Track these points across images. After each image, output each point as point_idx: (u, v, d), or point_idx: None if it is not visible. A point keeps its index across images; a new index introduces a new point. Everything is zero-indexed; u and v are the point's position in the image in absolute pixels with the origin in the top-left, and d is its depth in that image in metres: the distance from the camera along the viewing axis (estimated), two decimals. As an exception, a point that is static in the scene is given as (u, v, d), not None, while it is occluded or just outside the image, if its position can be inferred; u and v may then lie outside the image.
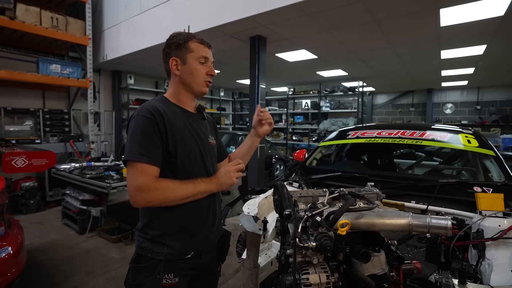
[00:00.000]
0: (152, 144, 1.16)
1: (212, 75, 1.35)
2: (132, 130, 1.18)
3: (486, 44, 5.42)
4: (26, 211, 5.14)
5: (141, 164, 1.13)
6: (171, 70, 1.31)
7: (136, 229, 1.30)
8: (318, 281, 0.99)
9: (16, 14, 5.20)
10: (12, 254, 2.22)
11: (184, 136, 1.25)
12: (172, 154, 1.21)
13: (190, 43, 1.30)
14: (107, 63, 7.12)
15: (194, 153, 1.28)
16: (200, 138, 1.33)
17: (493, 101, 10.06)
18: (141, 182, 1.11)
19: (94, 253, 3.63)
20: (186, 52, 1.29)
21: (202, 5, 4.70)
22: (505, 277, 1.23)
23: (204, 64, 1.32)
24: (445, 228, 1.04)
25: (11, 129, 5.98)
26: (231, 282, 2.92)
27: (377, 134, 2.62)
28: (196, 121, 1.37)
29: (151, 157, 1.14)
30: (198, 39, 1.32)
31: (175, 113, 1.27)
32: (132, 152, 1.14)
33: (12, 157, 2.94)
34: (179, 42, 1.29)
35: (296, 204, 1.17)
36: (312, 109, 11.17)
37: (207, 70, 1.33)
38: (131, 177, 1.14)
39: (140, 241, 1.25)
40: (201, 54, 1.30)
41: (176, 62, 1.29)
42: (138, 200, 1.12)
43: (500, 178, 2.02)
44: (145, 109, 1.20)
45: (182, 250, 1.24)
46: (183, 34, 1.33)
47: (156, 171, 1.16)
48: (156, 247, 1.21)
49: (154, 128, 1.16)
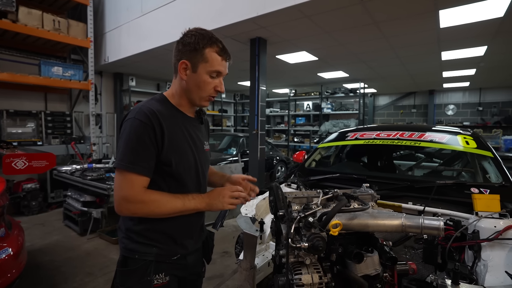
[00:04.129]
0: (146, 152, 1.10)
1: (219, 92, 1.24)
2: (126, 134, 1.10)
3: (486, 45, 5.42)
4: (28, 213, 5.17)
5: (131, 174, 1.07)
6: (178, 71, 1.20)
7: (119, 230, 1.24)
8: (310, 281, 1.00)
9: (19, 17, 5.26)
10: (12, 255, 2.24)
11: (180, 144, 1.19)
12: (166, 163, 1.14)
13: (207, 51, 1.16)
14: (108, 66, 7.17)
15: (189, 163, 1.22)
16: (196, 147, 1.27)
17: (495, 102, 10.02)
18: (128, 193, 1.07)
19: (95, 255, 3.65)
20: (200, 60, 1.16)
21: (203, 7, 4.73)
22: (500, 277, 1.23)
23: (214, 78, 1.21)
24: (438, 228, 1.05)
25: (14, 131, 6.03)
26: (230, 283, 2.92)
27: (376, 135, 2.62)
28: (194, 127, 1.30)
29: (143, 166, 1.09)
30: (219, 48, 1.18)
31: (174, 117, 1.20)
32: (123, 159, 1.08)
33: (12, 159, 2.97)
34: (196, 46, 1.15)
35: (290, 205, 1.17)
36: (313, 110, 11.18)
37: (215, 85, 1.22)
38: (119, 185, 1.08)
39: (125, 243, 1.19)
40: (216, 68, 1.18)
41: (186, 66, 1.17)
42: (122, 210, 1.09)
43: (498, 179, 2.02)
44: (142, 112, 1.11)
45: (168, 252, 1.21)
46: (205, 36, 1.17)
47: (145, 181, 1.11)
48: (145, 248, 1.17)
49: (150, 134, 1.10)
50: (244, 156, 6.51)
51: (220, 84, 1.23)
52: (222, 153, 7.04)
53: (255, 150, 5.49)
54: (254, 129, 5.41)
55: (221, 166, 5.44)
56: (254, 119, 5.41)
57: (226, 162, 6.24)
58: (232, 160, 6.38)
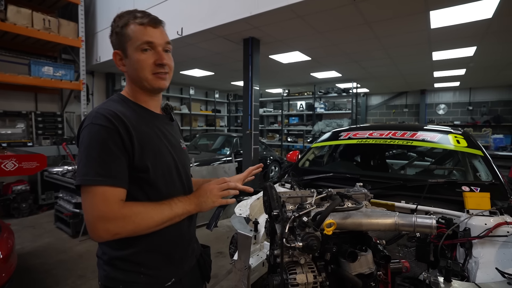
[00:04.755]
0: (114, 160, 0.91)
1: (162, 64, 1.04)
2: (86, 144, 0.91)
3: (476, 46, 5.51)
4: (18, 215, 5.09)
5: (101, 187, 0.88)
6: (117, 65, 1.07)
7: (98, 257, 1.04)
8: (305, 280, 1.00)
9: (7, 16, 5.15)
10: (1, 258, 2.21)
11: (154, 146, 1.02)
12: (141, 169, 0.97)
13: (127, 28, 1.01)
14: (100, 65, 7.10)
15: (168, 164, 1.06)
16: (172, 145, 1.11)
17: (484, 101, 10.20)
18: (103, 211, 0.87)
19: (87, 257, 3.60)
20: (125, 41, 1.02)
21: (195, 7, 4.72)
22: (490, 274, 1.25)
23: (149, 51, 1.02)
24: (430, 226, 1.06)
25: (3, 132, 5.91)
26: (224, 283, 2.92)
27: (369, 135, 2.64)
28: (165, 124, 1.15)
29: (114, 176, 0.90)
30: (138, 18, 1.02)
31: (139, 116, 1.03)
32: (88, 174, 0.88)
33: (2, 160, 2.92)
34: (116, 30, 1.03)
35: (284, 204, 1.17)
36: (306, 110, 11.22)
37: (154, 59, 1.02)
38: (89, 205, 0.88)
39: (107, 270, 0.99)
40: (143, 39, 1.00)
41: (120, 56, 1.05)
42: (101, 233, 0.87)
43: (488, 177, 2.05)
44: (100, 115, 0.93)
45: (159, 279, 1.03)
46: (123, 15, 1.04)
47: (122, 193, 0.92)
48: (129, 277, 0.98)
49: (115, 139, 0.92)
50: (237, 156, 6.50)
51: (159, 56, 1.03)
52: (216, 153, 7.02)
53: (249, 150, 5.49)
54: (248, 129, 5.41)
55: (214, 167, 5.42)
56: (247, 119, 5.42)
57: (220, 162, 6.22)
58: (226, 160, 6.37)
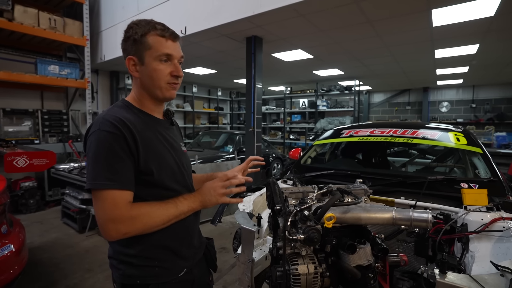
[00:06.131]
0: (122, 164, 0.97)
1: (177, 76, 1.11)
2: (94, 150, 0.97)
3: (478, 44, 5.50)
4: (26, 211, 5.20)
5: (111, 191, 0.94)
6: (129, 70, 1.11)
7: (111, 258, 1.11)
8: (306, 271, 1.06)
9: (14, 16, 5.24)
10: (14, 251, 2.28)
11: (158, 150, 1.08)
12: (146, 172, 1.03)
13: (148, 37, 1.05)
14: (105, 64, 7.16)
15: (171, 168, 1.12)
16: (175, 149, 1.17)
17: (488, 99, 10.15)
18: (113, 213, 0.94)
19: (94, 251, 3.69)
20: (143, 49, 1.06)
21: (199, 6, 4.76)
22: (485, 267, 1.30)
23: (167, 63, 1.08)
24: (426, 221, 1.11)
25: (10, 130, 6.02)
26: (227, 277, 2.99)
27: (370, 132, 2.68)
28: (166, 129, 1.19)
29: (122, 180, 0.96)
30: (159, 30, 1.07)
31: (143, 122, 1.08)
32: (98, 178, 0.94)
33: (14, 157, 2.99)
34: (135, 37, 1.06)
35: (287, 199, 1.23)
36: (309, 108, 11.23)
37: (170, 70, 1.09)
38: (100, 208, 0.95)
39: (122, 269, 1.06)
40: (162, 51, 1.06)
41: (134, 61, 1.08)
42: (112, 233, 0.94)
43: (486, 174, 2.09)
44: (107, 121, 0.98)
45: (172, 270, 1.10)
46: (142, 24, 1.07)
47: (129, 196, 0.99)
48: (145, 271, 1.06)
49: (122, 144, 0.97)
50: (240, 154, 6.56)
51: (176, 68, 1.10)
52: (219, 150, 7.08)
53: (252, 148, 5.54)
54: (250, 127, 5.47)
55: (217, 164, 5.48)
56: (250, 116, 5.47)
57: (223, 160, 6.28)
58: (229, 158, 6.43)
